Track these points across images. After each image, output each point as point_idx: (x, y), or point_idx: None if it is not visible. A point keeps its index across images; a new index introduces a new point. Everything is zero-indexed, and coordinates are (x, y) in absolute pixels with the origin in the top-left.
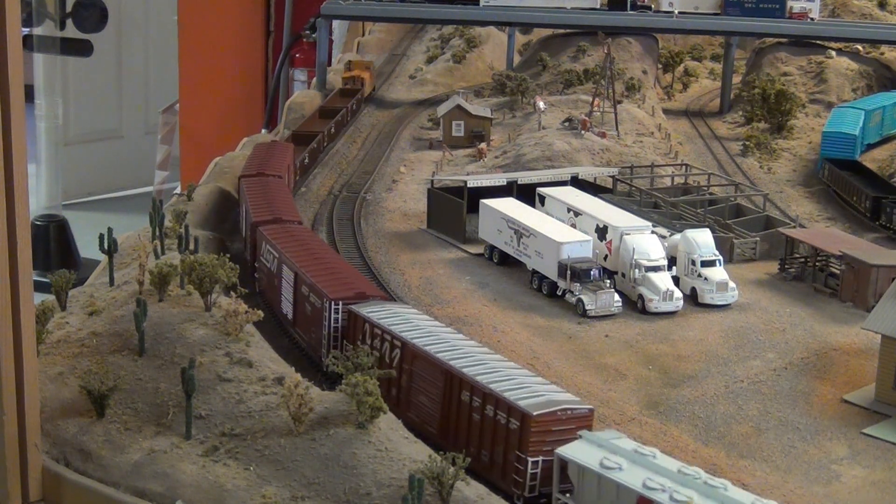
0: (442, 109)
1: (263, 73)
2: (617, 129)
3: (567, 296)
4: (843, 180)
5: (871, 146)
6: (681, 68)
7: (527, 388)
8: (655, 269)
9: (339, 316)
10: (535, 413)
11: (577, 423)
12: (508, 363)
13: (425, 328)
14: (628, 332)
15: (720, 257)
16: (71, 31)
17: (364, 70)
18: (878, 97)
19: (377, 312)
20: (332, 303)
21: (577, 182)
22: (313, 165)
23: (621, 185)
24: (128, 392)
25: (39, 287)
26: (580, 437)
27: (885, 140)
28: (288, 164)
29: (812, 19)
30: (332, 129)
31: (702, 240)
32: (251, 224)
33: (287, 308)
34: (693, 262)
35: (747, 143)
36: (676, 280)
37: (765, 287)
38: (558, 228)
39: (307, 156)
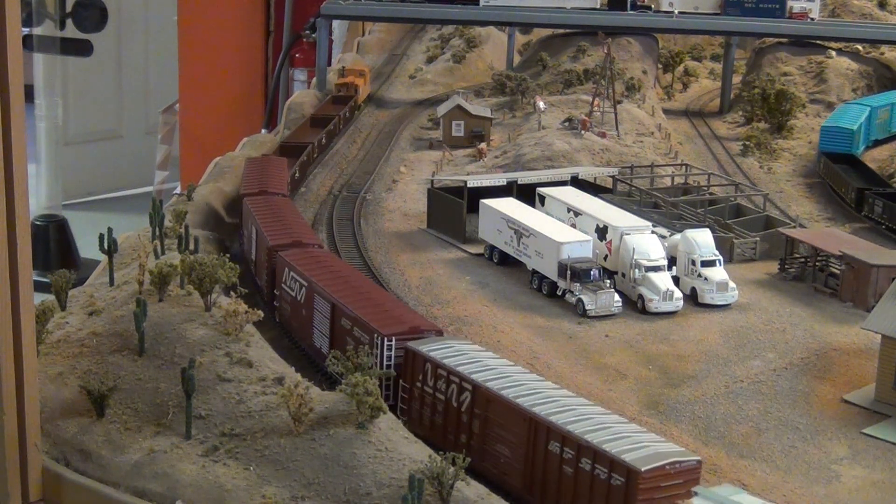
0: (442, 109)
1: (263, 73)
2: (617, 129)
3: (567, 296)
4: (834, 173)
5: (878, 142)
6: (681, 68)
7: (626, 437)
8: (655, 269)
9: (393, 353)
10: (643, 469)
11: (685, 476)
12: (595, 408)
13: (496, 368)
14: (628, 332)
15: (720, 257)
16: (71, 31)
17: (358, 77)
18: (889, 94)
19: (439, 350)
20: (385, 339)
21: (577, 182)
22: (303, 180)
23: (621, 185)
24: (128, 392)
25: (39, 287)
26: (695, 493)
27: (893, 137)
28: (286, 181)
29: (812, 19)
30: (324, 140)
31: (702, 240)
32: (268, 248)
33: (321, 342)
34: (693, 262)
35: (747, 143)
36: (676, 280)
37: (765, 287)
38: (558, 228)
39: (297, 170)
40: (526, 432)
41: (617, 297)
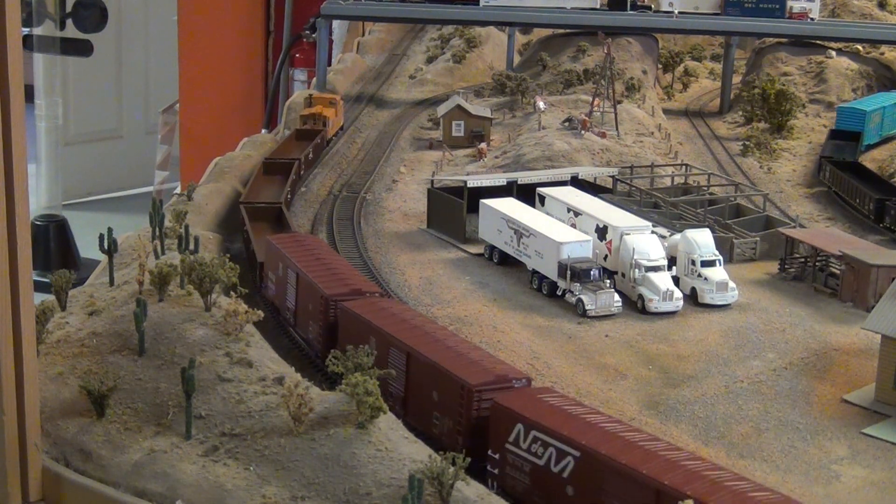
0: (442, 109)
1: (263, 73)
2: (617, 129)
3: (567, 296)
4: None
5: None
6: (681, 68)
7: None
8: (655, 269)
9: None
10: None
11: None
12: None
13: None
14: (628, 332)
15: (720, 257)
16: (71, 31)
17: (327, 106)
18: None
19: None
20: None
21: (577, 182)
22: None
23: (621, 185)
24: (128, 392)
25: (39, 287)
26: None
27: None
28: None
29: (812, 19)
30: (290, 195)
31: (702, 240)
32: (464, 389)
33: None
34: (693, 262)
35: (747, 143)
36: (676, 280)
37: (765, 287)
38: (558, 228)
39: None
40: None
41: (617, 297)
